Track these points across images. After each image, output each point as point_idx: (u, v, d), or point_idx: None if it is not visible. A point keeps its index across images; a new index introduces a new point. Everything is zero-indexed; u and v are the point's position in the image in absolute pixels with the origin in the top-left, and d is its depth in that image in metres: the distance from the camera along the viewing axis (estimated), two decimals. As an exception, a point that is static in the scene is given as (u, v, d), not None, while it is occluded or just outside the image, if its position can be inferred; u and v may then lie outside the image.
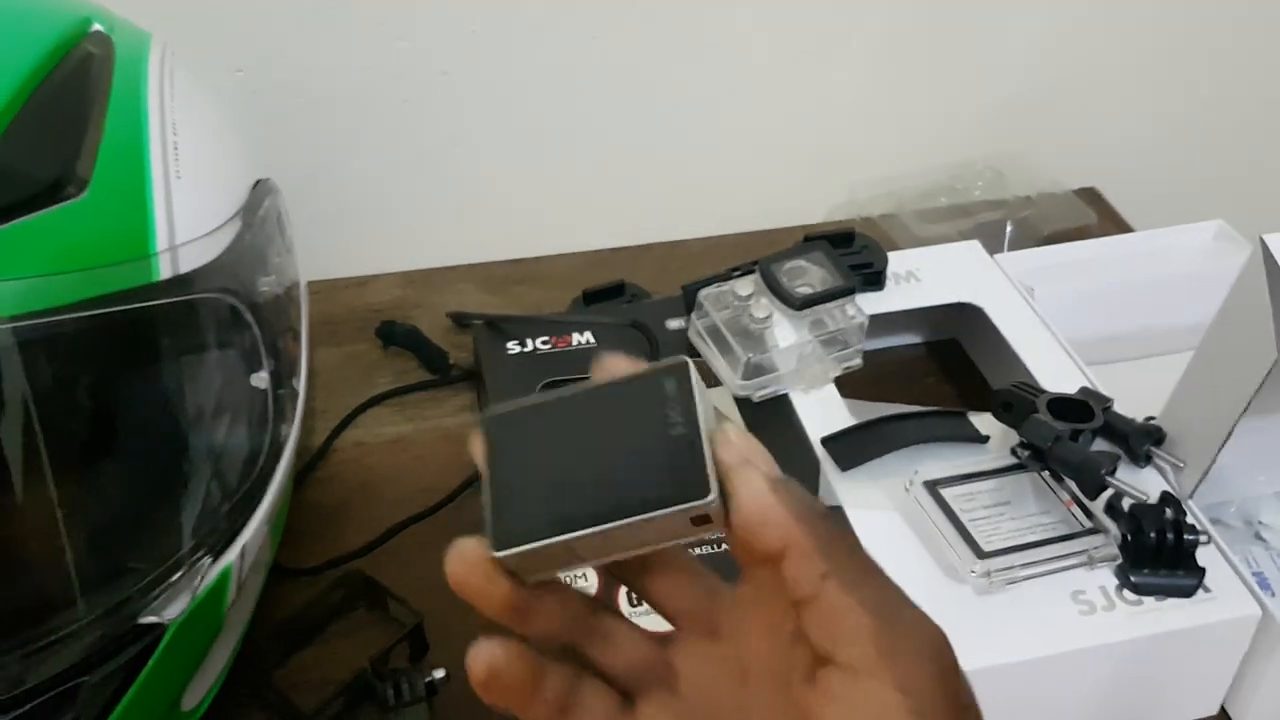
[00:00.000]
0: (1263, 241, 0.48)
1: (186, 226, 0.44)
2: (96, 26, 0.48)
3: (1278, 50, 0.89)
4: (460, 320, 0.73)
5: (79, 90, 0.45)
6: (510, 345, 0.63)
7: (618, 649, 0.32)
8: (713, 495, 0.28)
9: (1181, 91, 0.89)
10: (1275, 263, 0.47)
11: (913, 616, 0.28)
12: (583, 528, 0.29)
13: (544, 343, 0.63)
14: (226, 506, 0.47)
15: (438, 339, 0.72)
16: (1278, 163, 0.94)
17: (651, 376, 0.30)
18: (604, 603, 0.33)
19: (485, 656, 0.30)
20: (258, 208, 0.50)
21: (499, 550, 0.29)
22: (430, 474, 0.64)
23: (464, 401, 0.69)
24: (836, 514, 0.50)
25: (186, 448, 0.45)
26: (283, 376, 0.51)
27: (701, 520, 0.29)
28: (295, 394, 0.53)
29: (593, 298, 0.71)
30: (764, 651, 0.30)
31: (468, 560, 0.29)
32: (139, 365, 0.44)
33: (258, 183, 0.52)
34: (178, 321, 0.45)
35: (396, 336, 0.72)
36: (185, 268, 0.44)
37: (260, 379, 0.49)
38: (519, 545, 0.29)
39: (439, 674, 0.51)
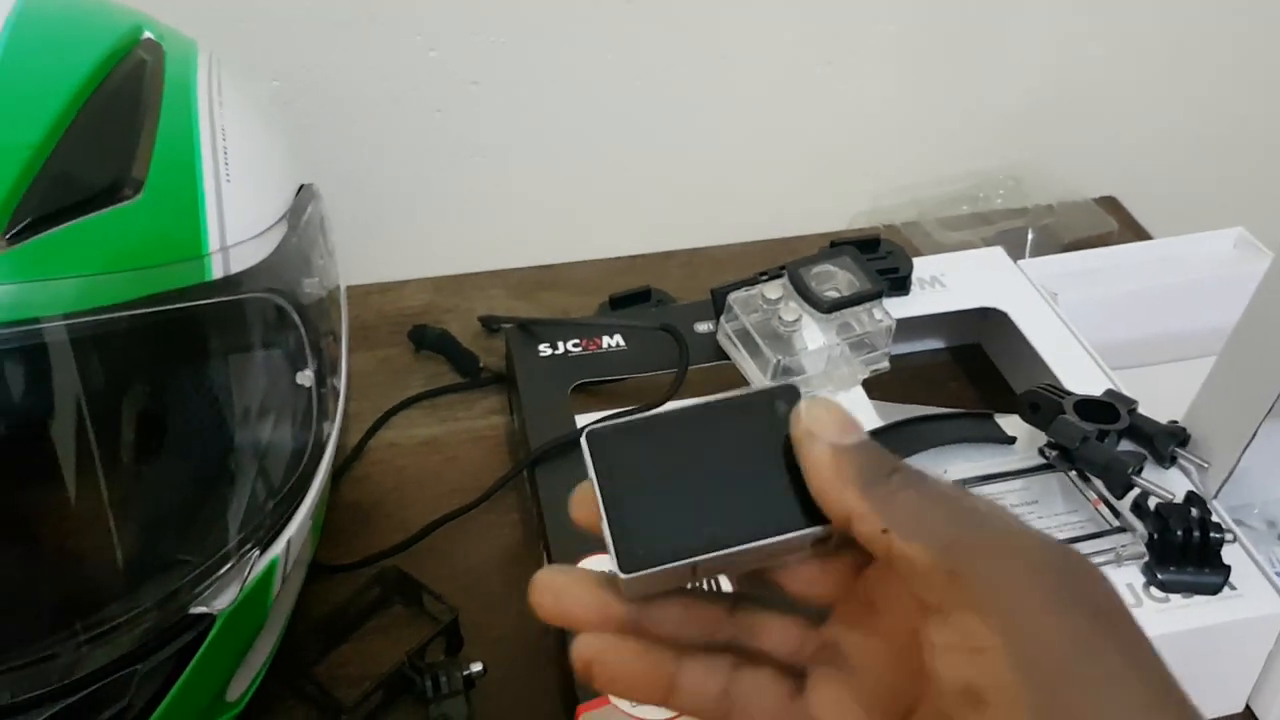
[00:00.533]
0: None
1: (237, 228, 0.46)
2: (147, 34, 0.50)
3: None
4: (490, 324, 0.75)
5: (133, 96, 0.46)
6: (542, 348, 0.64)
7: (770, 638, 0.32)
8: (829, 524, 0.29)
9: (1198, 100, 0.90)
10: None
11: (990, 536, 0.27)
12: (709, 551, 0.29)
13: (575, 345, 0.64)
14: (273, 501, 0.48)
15: (468, 343, 0.73)
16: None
17: (762, 399, 0.30)
18: (745, 597, 0.32)
19: (585, 653, 0.30)
20: (303, 211, 0.51)
21: (626, 573, 0.29)
22: (462, 474, 0.65)
23: (494, 404, 0.70)
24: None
25: (235, 444, 0.46)
26: (325, 376, 0.52)
27: (822, 540, 0.30)
28: (336, 393, 0.54)
29: (619, 303, 0.72)
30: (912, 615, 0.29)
31: (558, 590, 0.30)
32: (190, 363, 0.45)
33: (301, 187, 0.53)
34: (228, 321, 0.46)
35: (428, 340, 0.73)
36: (236, 268, 0.45)
37: (305, 377, 0.50)
38: (646, 568, 0.29)
39: (476, 667, 0.52)
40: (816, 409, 0.30)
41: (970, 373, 0.70)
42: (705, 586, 0.32)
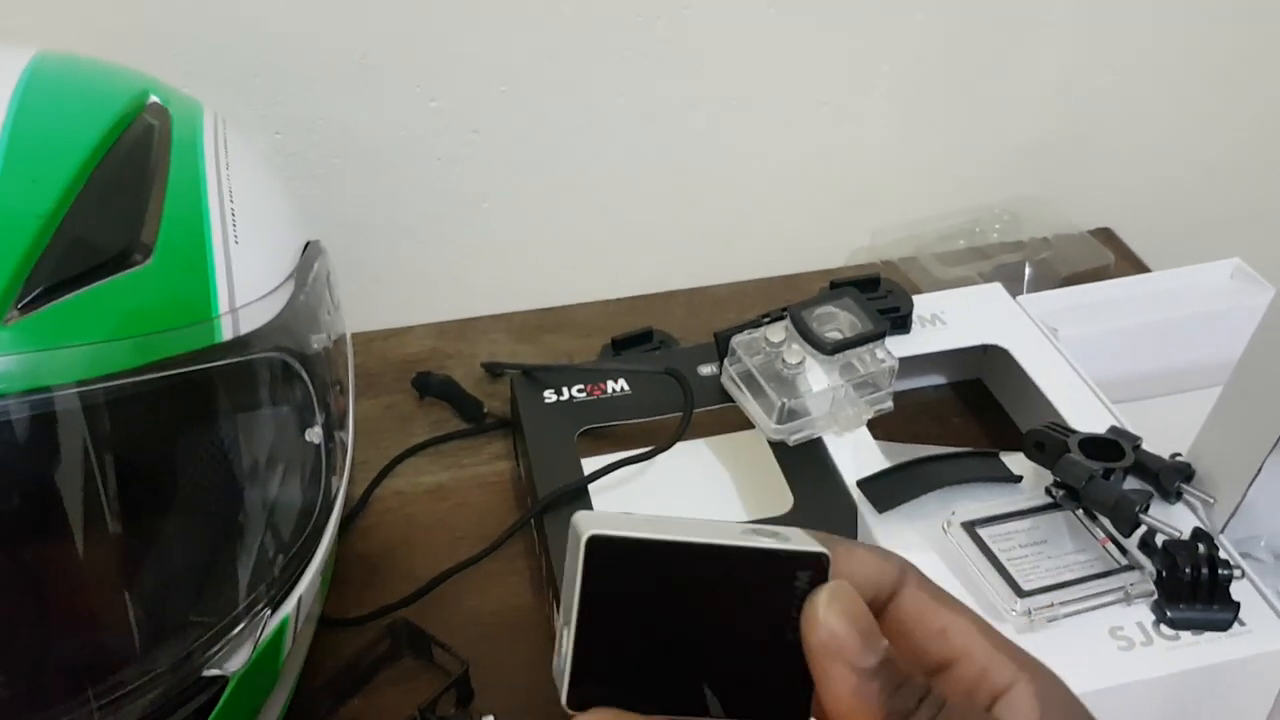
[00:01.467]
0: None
1: (245, 289, 0.46)
2: (153, 98, 0.51)
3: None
4: (493, 370, 0.75)
5: (141, 161, 0.47)
6: (547, 394, 0.65)
7: None
8: None
9: (1191, 131, 0.90)
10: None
11: None
12: (665, 711, 0.27)
13: (580, 390, 0.65)
14: (283, 559, 0.48)
15: (472, 388, 0.73)
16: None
17: (787, 561, 0.27)
18: None
19: None
20: (310, 269, 0.52)
21: (572, 706, 0.27)
22: (469, 522, 0.65)
23: (499, 449, 0.70)
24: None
25: (245, 503, 0.47)
26: (333, 430, 0.52)
27: None
28: (345, 446, 0.54)
29: (621, 345, 0.72)
30: None
31: None
32: (200, 424, 0.46)
33: (308, 244, 0.54)
34: (238, 381, 0.46)
35: (432, 387, 0.74)
36: (245, 329, 0.45)
37: (314, 434, 0.50)
38: (595, 705, 0.27)
39: (488, 719, 0.52)
40: (836, 612, 0.26)
41: (973, 408, 0.71)
42: None
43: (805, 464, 0.58)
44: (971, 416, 0.70)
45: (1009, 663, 0.28)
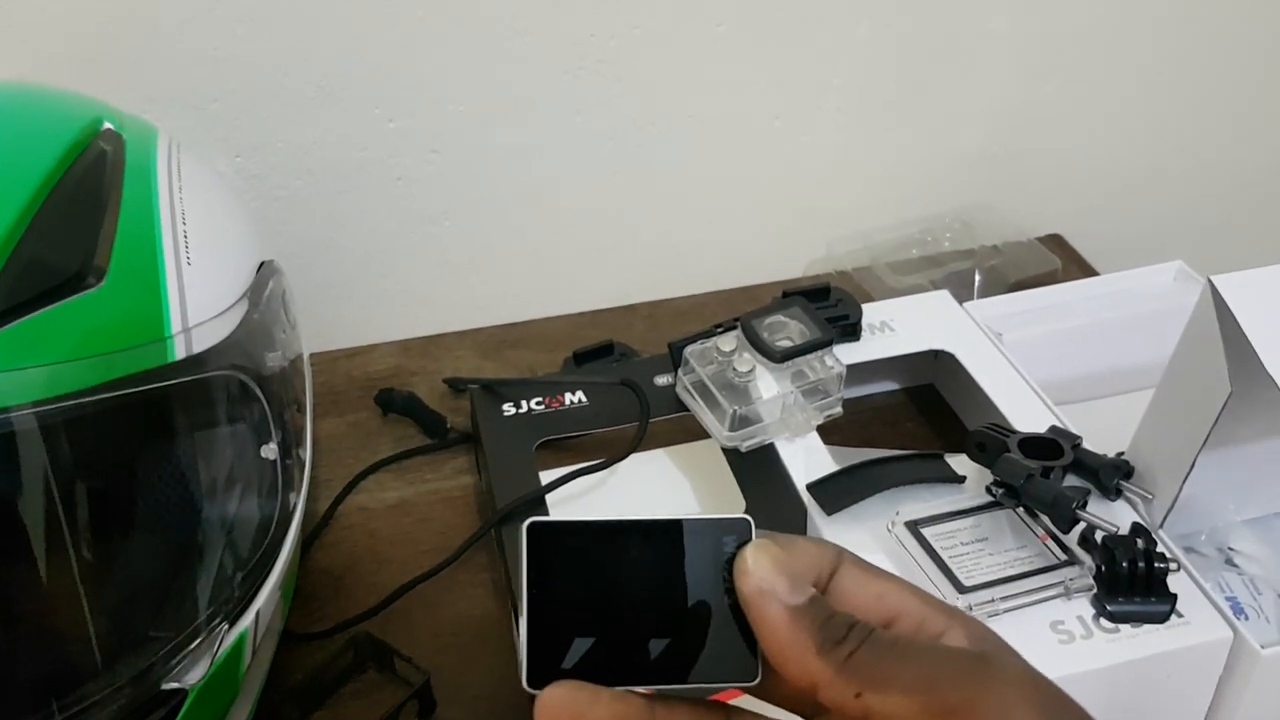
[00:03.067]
0: (1211, 283, 0.51)
1: (198, 309, 0.47)
2: (107, 125, 0.52)
3: (1229, 96, 0.93)
4: (456, 385, 0.76)
5: (94, 186, 0.48)
6: (506, 407, 0.66)
7: None
8: (759, 679, 0.29)
9: (1135, 138, 0.93)
10: (1224, 303, 0.50)
11: (963, 671, 0.28)
12: (621, 683, 0.28)
13: (538, 403, 0.66)
14: (240, 574, 0.49)
15: (436, 404, 0.74)
16: (1231, 202, 0.98)
17: (713, 530, 0.29)
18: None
19: (554, 707, 0.28)
20: (264, 288, 0.53)
21: (532, 686, 0.28)
22: (432, 535, 0.66)
23: (462, 464, 0.71)
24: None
25: (202, 520, 0.48)
26: (290, 447, 0.53)
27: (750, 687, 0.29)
28: (302, 463, 0.55)
29: (583, 358, 0.74)
30: None
31: (581, 710, 0.28)
32: (156, 442, 0.47)
33: (262, 264, 0.55)
34: (192, 399, 0.47)
35: (395, 404, 0.75)
36: (199, 348, 0.47)
37: (270, 450, 0.51)
38: (553, 681, 0.28)
39: (449, 728, 0.53)
40: (763, 561, 0.29)
41: (925, 412, 0.72)
42: None
43: (757, 469, 0.60)
44: (924, 420, 0.72)
45: (940, 614, 0.30)
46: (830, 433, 0.62)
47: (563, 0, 0.74)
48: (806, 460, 0.59)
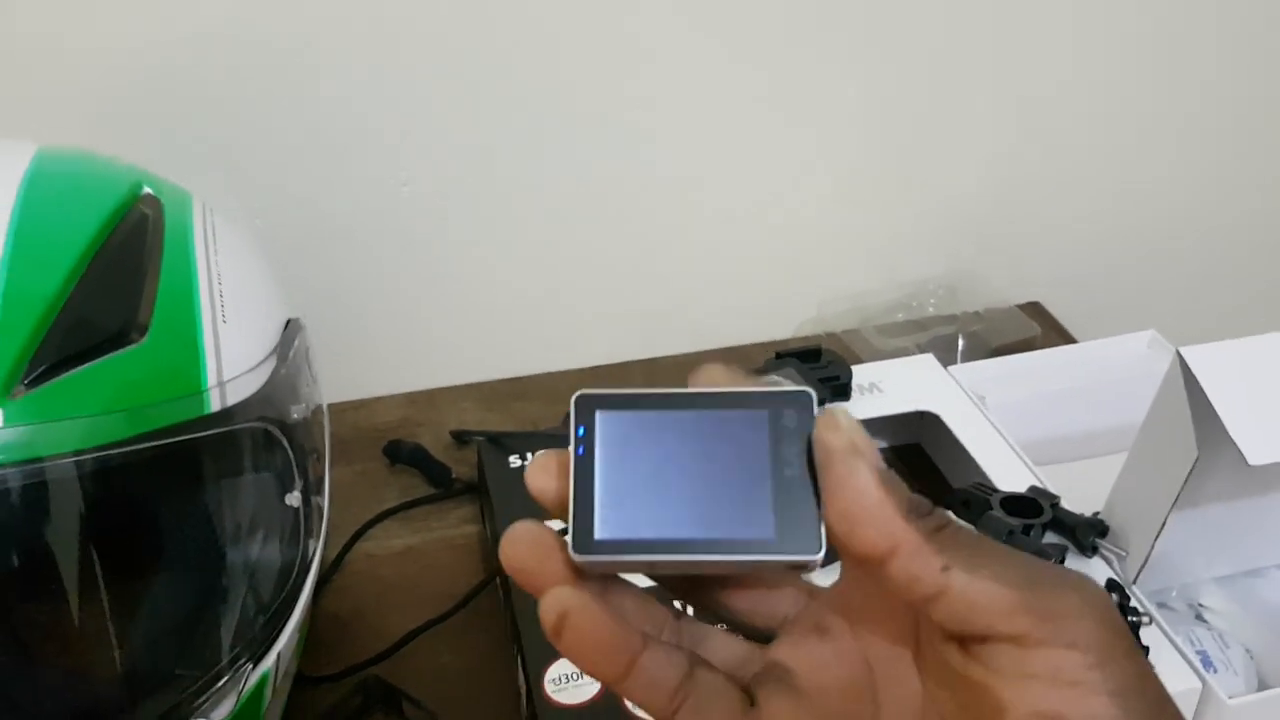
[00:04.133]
0: (1179, 355, 0.55)
1: (232, 364, 0.50)
2: (147, 190, 0.55)
3: (1204, 169, 0.97)
4: (461, 437, 0.79)
5: (137, 247, 0.51)
6: (512, 459, 0.69)
7: (714, 651, 0.31)
8: (820, 554, 0.27)
9: (1114, 211, 0.97)
10: (1191, 374, 0.54)
11: (1055, 576, 0.27)
12: (672, 554, 0.27)
13: (542, 457, 0.69)
14: (264, 617, 0.51)
15: (441, 455, 0.77)
16: (1205, 273, 1.03)
17: (771, 403, 0.28)
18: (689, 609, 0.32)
19: (560, 606, 0.27)
20: (291, 344, 0.56)
21: (579, 554, 0.27)
22: (439, 582, 0.68)
23: (467, 514, 0.74)
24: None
25: (228, 563, 0.50)
26: (310, 495, 0.56)
27: (801, 567, 0.28)
28: (321, 510, 0.58)
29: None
30: (888, 641, 0.29)
31: (526, 544, 0.28)
32: (188, 490, 0.49)
33: (289, 321, 0.58)
34: (224, 449, 0.50)
35: (402, 454, 0.77)
36: (231, 401, 0.49)
37: (294, 498, 0.54)
38: (599, 554, 0.27)
39: (456, 769, 0.55)
40: (854, 420, 0.27)
41: (913, 470, 0.75)
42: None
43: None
44: (910, 477, 0.75)
45: None
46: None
47: (566, 69, 0.78)
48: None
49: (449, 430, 0.80)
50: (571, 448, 0.28)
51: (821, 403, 0.30)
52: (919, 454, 0.76)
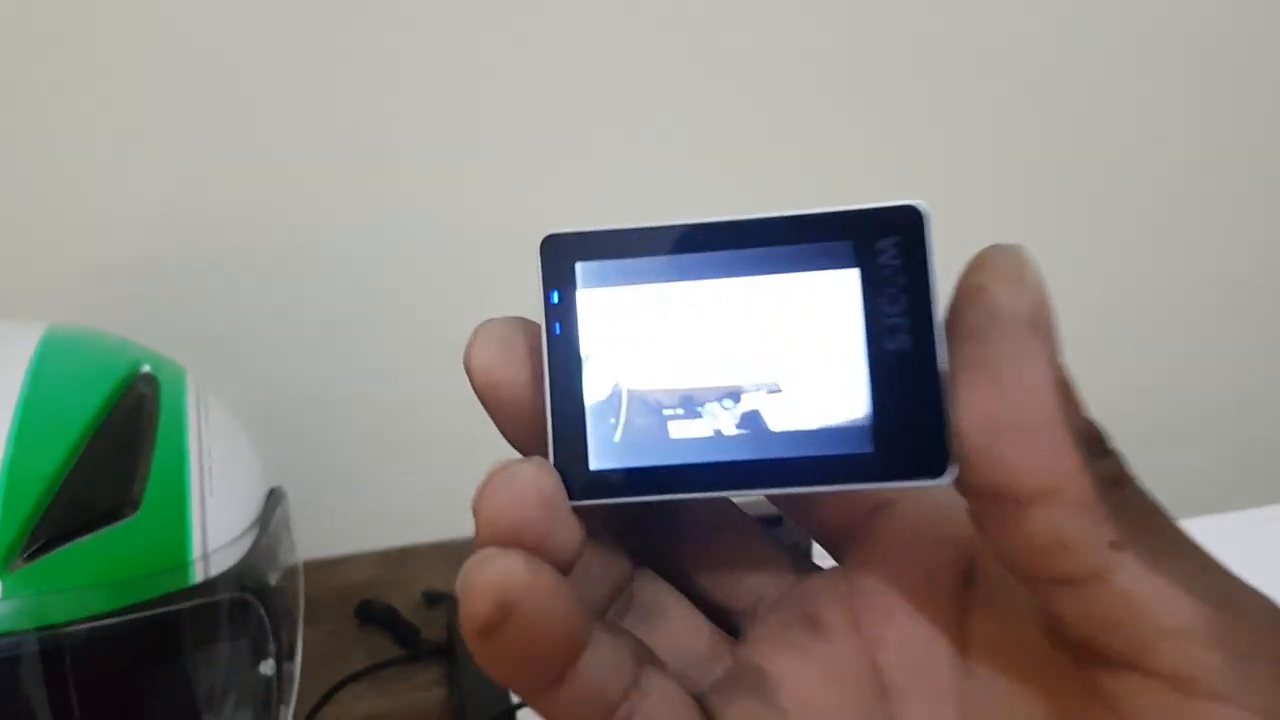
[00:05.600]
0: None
1: (217, 536, 0.53)
2: (145, 368, 0.59)
3: (1160, 348, 1.04)
4: (432, 598, 0.81)
5: (133, 426, 0.54)
6: (479, 624, 0.71)
7: (669, 639, 0.22)
8: (950, 476, 0.18)
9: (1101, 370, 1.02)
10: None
11: (1257, 601, 0.18)
12: (708, 489, 0.19)
13: (509, 621, 0.71)
14: (234, 784, 0.53)
15: (412, 615, 0.79)
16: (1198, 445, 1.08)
17: (858, 228, 0.18)
18: (648, 566, 0.23)
19: (509, 584, 0.19)
20: (272, 514, 0.59)
21: (574, 499, 0.20)
22: (404, 747, 0.69)
23: (435, 675, 0.75)
24: None
25: (203, 730, 0.52)
26: (283, 661, 0.58)
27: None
28: (292, 678, 0.60)
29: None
30: (920, 637, 0.21)
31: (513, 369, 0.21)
32: (167, 658, 0.52)
33: (271, 491, 0.61)
34: (205, 618, 0.52)
35: (373, 615, 0.79)
36: (215, 572, 0.52)
37: (268, 666, 0.56)
38: (595, 497, 0.19)
39: None
40: (1035, 275, 0.18)
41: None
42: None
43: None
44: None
45: None
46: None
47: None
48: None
49: (422, 591, 0.82)
50: (544, 323, 0.20)
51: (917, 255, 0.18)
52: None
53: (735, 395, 0.19)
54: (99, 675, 0.48)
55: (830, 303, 0.18)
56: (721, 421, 0.19)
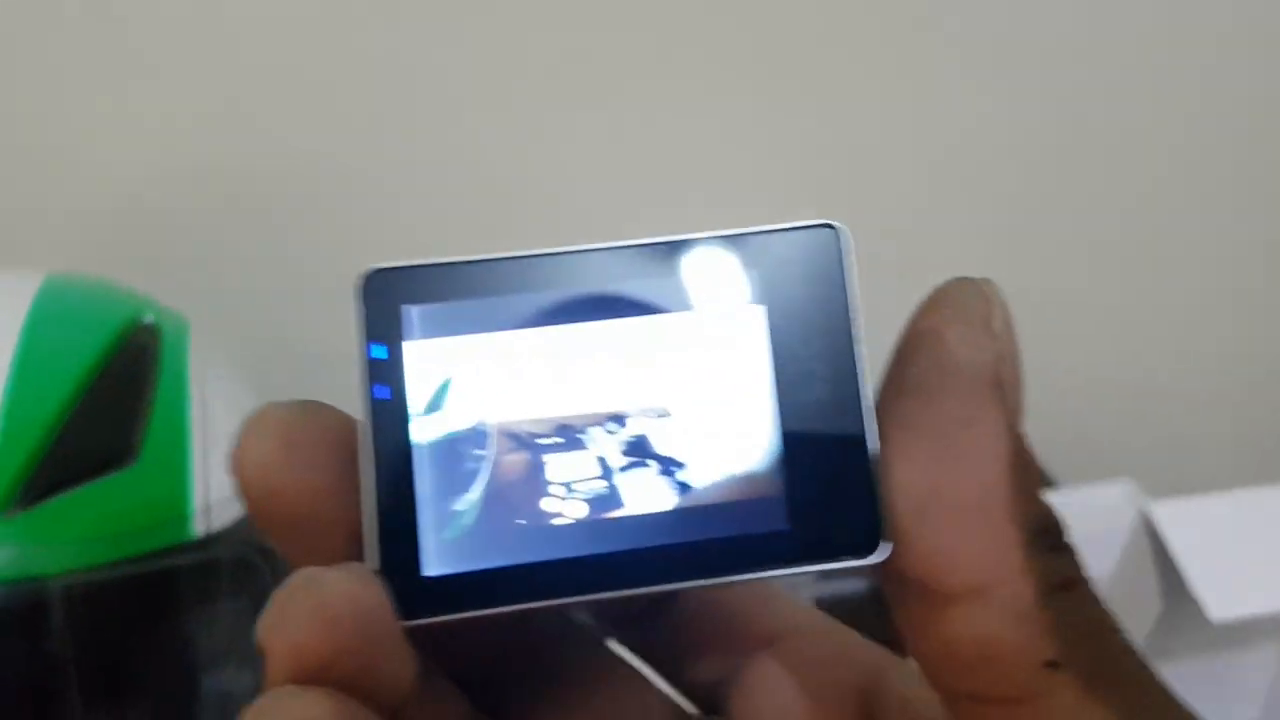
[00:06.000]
0: (1144, 510, 0.56)
1: (219, 491, 0.51)
2: (147, 318, 0.57)
3: (1177, 316, 1.01)
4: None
5: (132, 376, 0.52)
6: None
7: None
8: (883, 555, 0.15)
9: (1092, 358, 1.00)
10: (1154, 529, 0.55)
11: None
12: (583, 590, 0.15)
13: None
14: (234, 746, 0.51)
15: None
16: (1182, 423, 1.05)
17: (763, 256, 0.15)
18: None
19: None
20: (276, 472, 0.57)
21: (406, 618, 0.16)
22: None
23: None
24: None
25: (201, 690, 0.50)
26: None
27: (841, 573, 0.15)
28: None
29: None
30: None
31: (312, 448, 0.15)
32: (168, 613, 0.50)
33: (275, 449, 0.59)
34: (206, 576, 0.51)
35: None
36: (217, 527, 0.50)
37: (269, 625, 0.54)
38: (432, 613, 0.15)
39: None
40: (1003, 320, 0.14)
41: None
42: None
43: None
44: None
45: None
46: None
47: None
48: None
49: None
50: (362, 385, 0.16)
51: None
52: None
53: (616, 470, 0.15)
54: (97, 629, 0.47)
55: (731, 347, 0.15)
56: (599, 504, 0.15)
